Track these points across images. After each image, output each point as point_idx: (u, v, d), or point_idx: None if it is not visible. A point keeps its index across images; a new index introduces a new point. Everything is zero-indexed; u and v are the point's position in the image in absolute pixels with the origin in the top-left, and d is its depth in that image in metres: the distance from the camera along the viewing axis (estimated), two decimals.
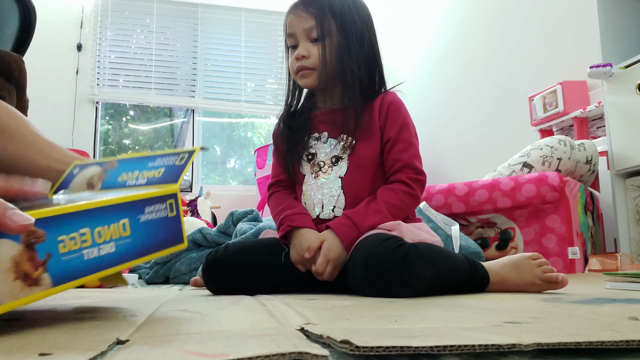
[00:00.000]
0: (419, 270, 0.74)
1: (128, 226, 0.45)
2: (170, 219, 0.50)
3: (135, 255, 0.46)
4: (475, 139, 2.92)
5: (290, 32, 0.98)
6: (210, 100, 3.85)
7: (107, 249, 0.43)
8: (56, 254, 0.39)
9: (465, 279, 0.82)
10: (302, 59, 0.96)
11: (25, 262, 0.37)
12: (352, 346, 0.29)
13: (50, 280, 0.39)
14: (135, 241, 0.46)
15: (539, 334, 0.34)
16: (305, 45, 0.96)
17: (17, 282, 0.37)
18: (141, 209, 0.47)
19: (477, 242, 1.78)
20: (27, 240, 0.37)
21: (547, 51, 2.37)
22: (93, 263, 0.42)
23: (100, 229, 0.43)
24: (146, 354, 0.28)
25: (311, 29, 0.95)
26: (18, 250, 0.37)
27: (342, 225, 0.87)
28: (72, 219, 0.41)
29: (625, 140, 1.68)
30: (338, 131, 0.98)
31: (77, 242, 0.41)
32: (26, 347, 0.31)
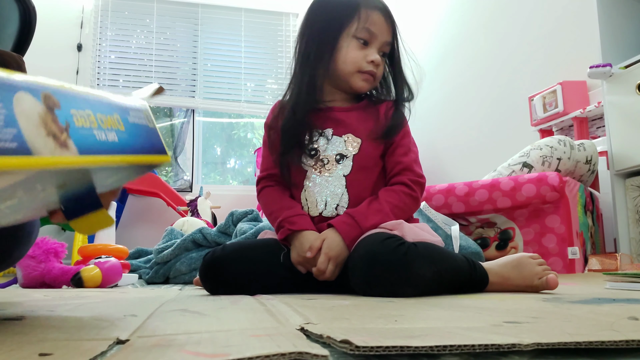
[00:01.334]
0: (419, 270, 0.75)
1: (121, 122, 0.44)
2: (151, 130, 0.49)
3: (133, 149, 0.45)
4: (475, 139, 2.92)
5: (372, 29, 0.96)
6: (210, 100, 3.85)
7: (111, 136, 0.41)
8: (73, 125, 0.37)
9: (464, 278, 0.82)
10: (377, 67, 0.97)
11: (51, 122, 0.35)
12: (352, 346, 0.29)
13: (75, 147, 0.36)
14: (129, 137, 0.44)
15: (539, 333, 0.34)
16: (377, 54, 0.97)
17: (50, 138, 0.34)
18: (126, 110, 0.46)
19: (477, 242, 1.78)
20: (47, 102, 0.36)
21: (547, 51, 2.37)
22: (105, 145, 0.40)
23: (101, 116, 0.41)
24: (146, 354, 0.28)
25: (388, 44, 0.99)
26: (42, 109, 0.35)
27: (344, 224, 0.87)
28: (78, 98, 0.40)
29: (625, 140, 1.68)
30: (344, 130, 0.98)
31: (87, 119, 0.39)
32: (26, 347, 0.31)
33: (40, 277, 1.36)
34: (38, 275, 1.36)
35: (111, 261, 1.39)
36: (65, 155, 0.35)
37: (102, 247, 1.76)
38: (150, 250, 2.04)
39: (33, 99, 0.35)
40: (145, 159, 0.47)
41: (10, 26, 0.85)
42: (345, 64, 0.97)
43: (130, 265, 1.73)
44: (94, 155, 0.39)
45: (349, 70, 0.97)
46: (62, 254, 1.43)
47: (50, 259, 1.38)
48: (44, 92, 0.36)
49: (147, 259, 1.92)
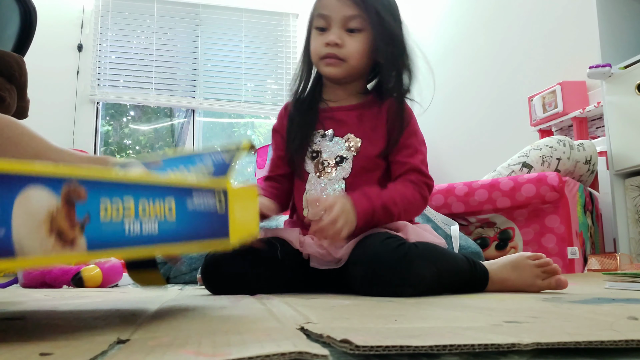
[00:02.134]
0: (419, 270, 0.74)
1: (174, 209, 0.43)
2: (219, 215, 0.48)
3: (178, 239, 0.43)
4: (475, 139, 2.92)
5: (324, 13, 0.91)
6: (210, 100, 3.85)
7: (149, 227, 0.40)
8: (96, 218, 0.36)
9: (465, 278, 0.82)
10: (335, 46, 0.90)
11: (63, 218, 0.34)
12: (352, 345, 0.29)
13: (85, 243, 0.36)
14: (179, 226, 0.43)
15: (539, 333, 0.34)
16: (339, 32, 0.90)
17: (51, 237, 0.34)
18: (189, 195, 0.45)
19: (476, 242, 1.78)
20: (68, 195, 0.35)
21: (547, 51, 2.37)
22: (133, 238, 0.39)
23: (144, 203, 0.40)
24: (146, 354, 0.28)
25: (351, 18, 0.89)
26: (56, 203, 0.34)
27: (355, 195, 0.83)
28: (117, 186, 0.39)
29: (625, 141, 1.68)
30: (345, 130, 0.95)
31: (119, 210, 0.38)
32: (26, 347, 0.31)
33: (40, 277, 1.36)
34: (38, 275, 1.36)
35: (111, 261, 1.39)
36: (63, 254, 0.34)
37: None
38: None
39: (47, 194, 0.34)
40: (190, 247, 0.45)
41: (11, 27, 0.85)
42: (312, 55, 0.95)
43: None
44: (114, 249, 0.38)
45: (315, 60, 0.95)
46: None
47: None
48: (69, 184, 0.35)
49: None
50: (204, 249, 0.48)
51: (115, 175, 0.40)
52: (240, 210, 0.53)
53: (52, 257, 0.34)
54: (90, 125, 3.58)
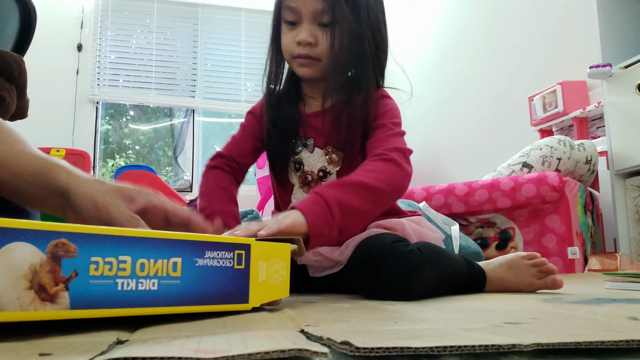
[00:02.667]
0: (425, 278, 0.72)
1: (179, 267, 0.41)
2: (236, 271, 0.45)
3: (183, 301, 0.41)
4: (475, 139, 2.92)
5: (292, 5, 0.82)
6: (210, 100, 3.85)
7: (147, 285, 0.39)
8: (84, 275, 0.36)
9: (464, 280, 0.82)
10: (308, 45, 0.82)
11: (45, 274, 0.34)
12: (352, 347, 0.29)
13: (68, 301, 0.35)
14: (185, 286, 0.41)
15: (539, 334, 0.34)
16: (311, 29, 0.82)
17: (30, 292, 0.33)
18: (200, 251, 0.42)
19: (477, 242, 1.78)
20: (54, 251, 0.35)
21: (547, 51, 2.37)
22: (127, 296, 0.38)
23: (143, 261, 0.39)
24: (146, 350, 0.28)
25: (321, 11, 0.81)
26: (40, 259, 0.34)
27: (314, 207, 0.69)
28: (113, 242, 0.37)
29: (625, 140, 1.68)
30: (324, 141, 0.87)
31: (113, 268, 0.37)
32: (26, 347, 0.31)
33: None
34: None
35: None
36: (42, 311, 0.34)
37: None
38: None
39: (31, 249, 0.34)
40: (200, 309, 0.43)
41: (11, 26, 0.85)
42: (284, 53, 0.87)
43: None
44: (102, 308, 0.36)
45: (287, 58, 0.87)
46: None
47: None
48: (59, 240, 0.35)
49: None
50: (218, 310, 0.45)
51: (114, 231, 0.38)
52: (268, 269, 0.50)
53: (30, 313, 0.33)
54: (89, 125, 3.58)
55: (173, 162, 3.81)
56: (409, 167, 0.80)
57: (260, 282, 0.49)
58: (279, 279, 0.52)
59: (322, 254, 0.84)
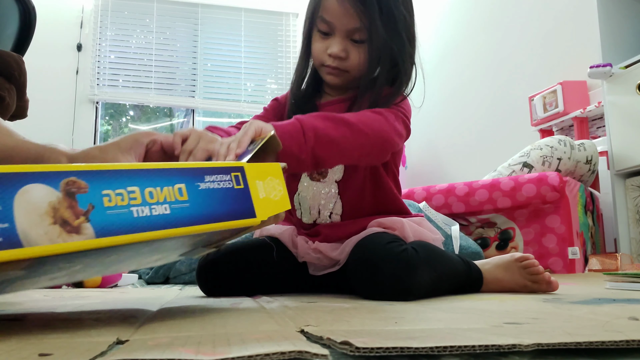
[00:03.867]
0: (422, 277, 0.73)
1: (185, 191, 0.44)
2: (237, 191, 0.48)
3: (196, 220, 0.44)
4: (475, 139, 2.92)
5: (327, 19, 0.84)
6: (210, 100, 3.85)
7: (160, 209, 0.42)
8: (100, 207, 0.38)
9: (461, 280, 0.82)
10: (338, 59, 0.85)
11: (65, 209, 0.36)
12: (352, 347, 0.29)
13: (92, 231, 0.37)
14: (194, 207, 0.44)
15: (539, 334, 0.34)
16: (343, 43, 0.84)
17: (55, 226, 0.36)
18: (200, 176, 0.46)
19: (477, 242, 1.78)
20: (67, 189, 0.37)
21: (547, 51, 2.37)
22: (144, 222, 0.40)
23: (151, 190, 0.41)
24: (146, 354, 0.28)
25: (356, 30, 0.83)
26: (57, 197, 0.36)
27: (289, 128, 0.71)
28: (119, 176, 0.40)
29: (625, 140, 1.68)
30: None
31: (124, 198, 0.40)
32: (26, 347, 0.31)
33: None
34: None
35: None
36: (71, 242, 0.36)
37: None
38: None
39: (46, 189, 0.36)
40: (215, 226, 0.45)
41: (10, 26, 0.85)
42: (313, 58, 0.91)
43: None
44: (124, 234, 0.39)
45: (316, 64, 0.91)
46: None
47: None
48: (69, 178, 0.37)
49: None
50: (232, 226, 0.48)
51: (116, 166, 0.41)
52: (265, 186, 0.53)
53: (61, 245, 0.36)
54: (89, 124, 3.58)
55: None
56: (399, 125, 0.82)
57: (262, 199, 0.51)
58: (277, 195, 0.55)
59: (322, 251, 0.85)
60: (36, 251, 0.34)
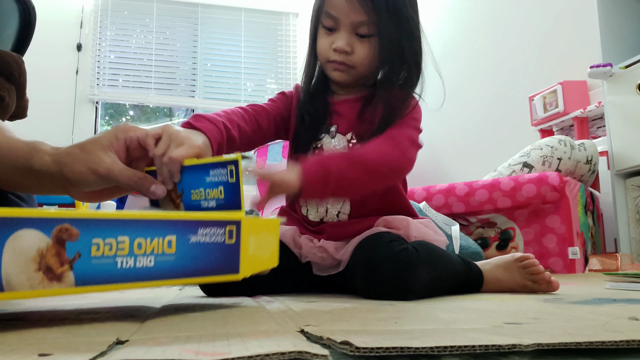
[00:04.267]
0: (422, 277, 0.73)
1: (174, 243, 0.44)
2: (227, 246, 0.48)
3: (177, 274, 0.44)
4: (475, 139, 2.92)
5: (332, 14, 0.84)
6: (210, 100, 3.85)
7: (144, 262, 0.42)
8: (87, 255, 0.39)
9: (461, 280, 0.82)
10: (344, 53, 0.85)
11: (52, 257, 0.37)
12: (353, 347, 0.29)
13: (73, 279, 0.38)
14: (179, 260, 0.44)
15: (540, 334, 0.34)
16: (349, 38, 0.84)
17: (39, 273, 0.37)
18: (193, 229, 0.45)
19: (477, 242, 1.78)
20: (58, 235, 0.38)
21: (547, 51, 2.37)
22: (126, 273, 0.41)
23: (140, 240, 0.42)
24: (146, 354, 0.28)
25: (361, 24, 0.83)
26: (47, 243, 0.37)
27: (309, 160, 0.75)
28: (112, 225, 0.41)
29: (626, 140, 1.68)
30: (348, 127, 0.90)
31: (112, 248, 0.40)
32: (26, 347, 0.31)
33: None
34: None
35: None
36: (50, 289, 0.38)
37: None
38: None
39: (38, 235, 0.37)
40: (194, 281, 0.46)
41: (10, 26, 0.85)
42: (319, 55, 0.90)
43: None
44: (104, 284, 0.40)
45: (322, 61, 0.90)
46: None
47: None
48: (62, 225, 0.38)
49: None
50: (211, 281, 0.48)
51: (111, 215, 0.41)
52: (257, 242, 0.52)
53: (39, 291, 0.37)
54: (89, 124, 3.58)
55: None
56: (411, 154, 0.83)
57: (250, 255, 0.51)
58: (267, 251, 0.55)
59: (327, 250, 0.85)
60: (15, 296, 0.36)
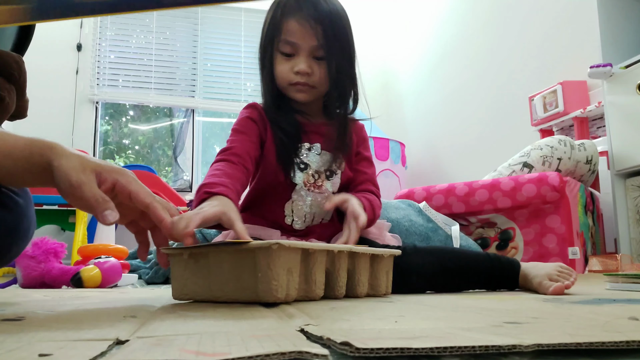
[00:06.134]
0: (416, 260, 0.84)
1: None
2: None
3: None
4: (475, 139, 2.92)
5: (291, 40, 0.93)
6: (210, 100, 3.85)
7: None
8: None
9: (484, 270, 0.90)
10: (305, 75, 0.93)
11: None
12: (352, 348, 0.29)
13: None
14: None
15: (540, 334, 0.34)
16: (308, 61, 0.93)
17: None
18: None
19: (477, 242, 1.78)
20: None
21: (547, 51, 2.37)
22: None
23: None
24: (146, 354, 0.28)
25: (318, 47, 0.92)
26: None
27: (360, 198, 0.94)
28: None
29: (625, 140, 1.68)
30: (330, 145, 0.99)
31: None
32: (26, 347, 0.31)
33: (39, 277, 1.36)
34: (38, 275, 1.36)
35: (111, 261, 1.39)
36: None
37: (102, 247, 1.75)
38: (150, 250, 2.04)
39: None
40: None
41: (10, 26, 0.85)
42: (278, 80, 0.98)
43: (130, 265, 1.73)
44: None
45: (282, 85, 0.97)
46: (61, 254, 1.43)
47: (50, 259, 1.38)
48: None
49: (147, 259, 1.92)
50: None
51: None
52: None
53: None
54: (89, 124, 3.58)
55: (173, 162, 3.81)
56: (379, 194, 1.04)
57: None
58: None
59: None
60: None
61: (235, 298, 0.62)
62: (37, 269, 1.36)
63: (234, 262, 0.62)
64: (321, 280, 0.65)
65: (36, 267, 1.36)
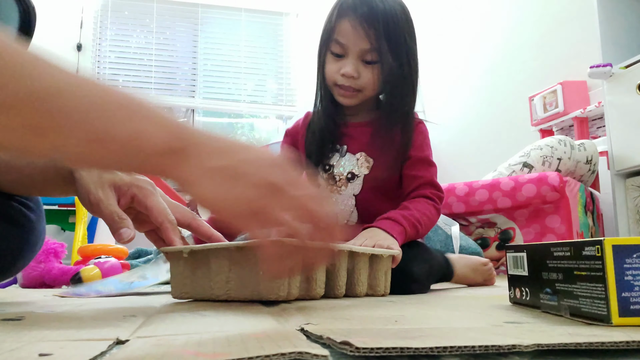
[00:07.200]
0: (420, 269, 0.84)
1: None
2: None
3: None
4: (475, 138, 2.92)
5: (342, 41, 0.92)
6: (210, 100, 3.85)
7: None
8: None
9: (443, 271, 0.96)
10: (351, 78, 0.92)
11: None
12: (352, 347, 0.29)
13: None
14: None
15: (540, 334, 0.34)
16: (356, 64, 0.92)
17: None
18: None
19: (477, 242, 1.78)
20: None
21: (548, 51, 2.37)
22: None
23: None
24: (146, 354, 0.28)
25: (367, 51, 0.91)
26: None
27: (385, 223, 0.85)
28: None
29: (626, 140, 1.68)
30: (358, 147, 0.98)
31: None
32: (26, 347, 0.31)
33: (40, 277, 1.36)
34: (38, 275, 1.36)
35: (111, 261, 1.39)
36: None
37: (102, 247, 1.75)
38: (150, 250, 2.04)
39: None
40: None
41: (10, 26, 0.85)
42: (327, 79, 0.97)
43: (130, 265, 1.73)
44: None
45: (329, 84, 0.97)
46: (62, 254, 1.43)
47: (50, 259, 1.38)
48: None
49: (147, 259, 1.92)
50: None
51: None
52: None
53: None
54: None
55: None
56: (439, 204, 0.97)
57: None
58: None
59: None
60: None
61: (236, 296, 0.62)
62: (37, 269, 1.36)
63: (234, 260, 0.62)
64: (322, 279, 0.65)
65: (36, 267, 1.36)
